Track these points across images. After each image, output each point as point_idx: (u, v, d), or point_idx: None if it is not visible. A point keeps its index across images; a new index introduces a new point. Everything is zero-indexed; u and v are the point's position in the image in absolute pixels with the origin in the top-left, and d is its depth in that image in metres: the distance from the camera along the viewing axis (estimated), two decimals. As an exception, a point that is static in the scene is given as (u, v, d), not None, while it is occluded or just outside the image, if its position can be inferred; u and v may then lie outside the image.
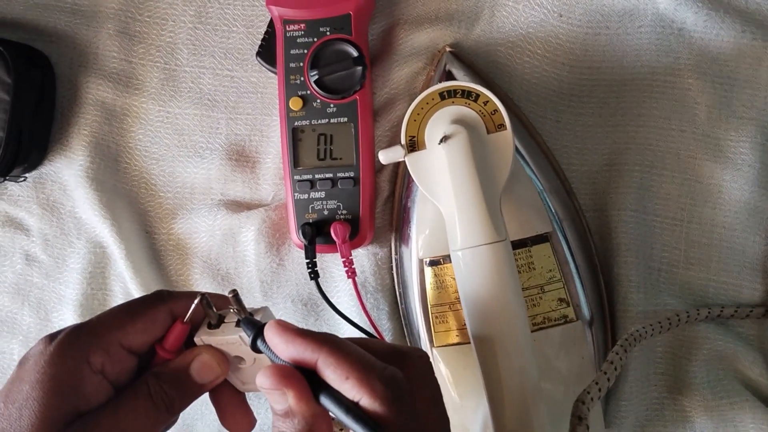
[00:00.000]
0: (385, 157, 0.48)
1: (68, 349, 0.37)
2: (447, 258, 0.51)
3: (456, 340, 0.51)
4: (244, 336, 0.38)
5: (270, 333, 0.36)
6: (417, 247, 0.53)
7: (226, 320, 0.40)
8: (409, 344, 0.56)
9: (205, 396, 0.59)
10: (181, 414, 0.50)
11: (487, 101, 0.47)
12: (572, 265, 0.52)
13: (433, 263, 0.52)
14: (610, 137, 0.56)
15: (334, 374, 0.34)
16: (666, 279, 0.55)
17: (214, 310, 0.40)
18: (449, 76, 0.54)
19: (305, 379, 0.35)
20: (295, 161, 0.55)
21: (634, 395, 0.53)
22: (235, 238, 0.58)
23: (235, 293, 0.39)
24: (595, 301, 0.53)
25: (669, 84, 0.55)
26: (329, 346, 0.35)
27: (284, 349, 0.35)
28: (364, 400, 0.33)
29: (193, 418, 0.60)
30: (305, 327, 0.58)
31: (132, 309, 0.40)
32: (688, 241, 0.55)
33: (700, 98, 0.55)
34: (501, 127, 0.47)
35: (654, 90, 0.55)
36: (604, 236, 0.55)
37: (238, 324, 0.39)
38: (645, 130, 0.55)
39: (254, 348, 0.37)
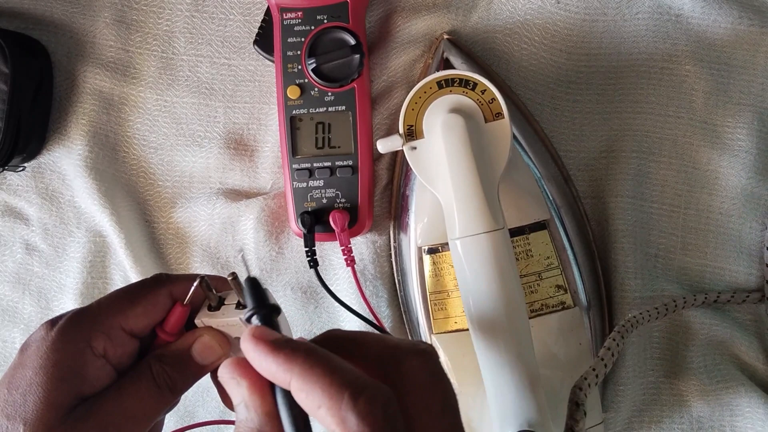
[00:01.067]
0: (383, 146, 0.48)
1: (70, 333, 0.37)
2: (445, 246, 0.51)
3: (454, 327, 0.52)
4: (244, 318, 0.39)
5: (245, 346, 0.32)
6: (415, 235, 0.53)
7: (226, 302, 0.40)
8: (408, 331, 0.56)
9: (207, 383, 0.59)
10: (182, 400, 0.50)
11: (485, 90, 0.47)
12: (570, 252, 0.52)
13: (432, 251, 0.52)
14: (607, 124, 0.56)
15: (306, 401, 0.30)
16: (663, 265, 0.56)
17: (214, 292, 0.40)
18: (447, 64, 0.54)
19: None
20: (294, 150, 0.55)
21: (631, 380, 0.54)
22: (234, 226, 0.58)
23: (234, 275, 0.39)
24: (593, 288, 0.54)
25: (666, 70, 0.55)
26: (300, 367, 0.31)
27: (258, 365, 0.32)
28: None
29: (194, 405, 0.60)
30: (305, 315, 0.59)
31: (132, 293, 0.40)
32: (685, 228, 0.56)
33: (697, 84, 0.55)
34: (499, 115, 0.47)
35: (651, 76, 0.55)
36: (602, 223, 0.56)
37: (238, 306, 0.39)
38: (642, 117, 0.56)
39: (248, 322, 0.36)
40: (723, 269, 0.55)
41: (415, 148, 0.48)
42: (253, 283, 0.35)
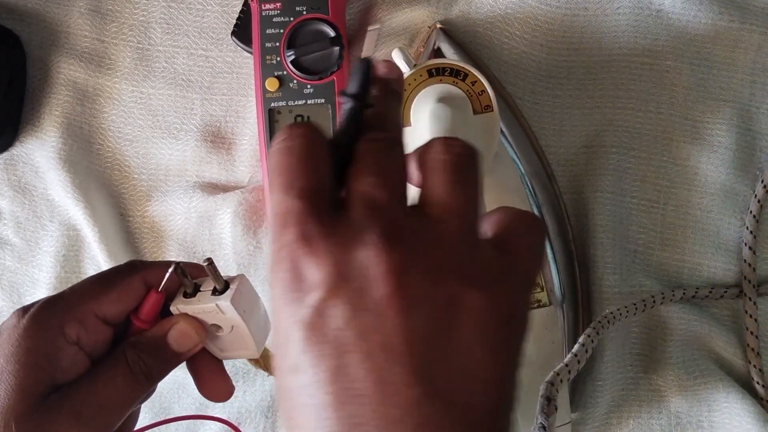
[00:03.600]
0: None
1: (42, 320, 0.37)
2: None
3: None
4: (221, 304, 0.38)
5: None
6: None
7: (202, 289, 0.40)
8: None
9: (182, 379, 0.59)
10: (157, 396, 0.49)
11: (475, 81, 0.47)
12: (549, 250, 0.52)
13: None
14: (587, 119, 0.56)
15: None
16: (642, 260, 0.56)
17: (190, 278, 0.40)
18: (438, 54, 0.53)
19: None
20: (272, 143, 0.54)
21: (610, 375, 0.54)
22: (211, 220, 0.58)
23: (210, 261, 0.38)
24: (569, 287, 0.53)
25: (647, 66, 0.55)
26: None
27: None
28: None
29: (170, 401, 0.59)
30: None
31: (105, 279, 0.39)
32: (664, 223, 0.56)
33: (677, 80, 0.55)
34: (488, 108, 0.47)
35: (632, 72, 0.55)
36: (581, 218, 0.56)
37: (214, 292, 0.39)
38: (622, 112, 0.55)
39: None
40: (701, 265, 0.55)
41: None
42: (365, 66, 0.32)
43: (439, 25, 0.55)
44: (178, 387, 0.59)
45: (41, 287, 0.59)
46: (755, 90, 0.55)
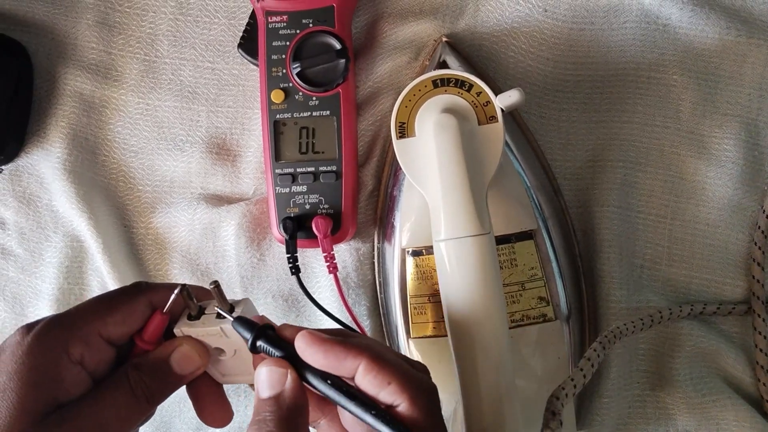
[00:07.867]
0: (504, 101, 0.46)
1: (46, 339, 0.36)
2: (430, 249, 0.50)
3: (433, 332, 0.51)
4: (225, 328, 0.38)
5: (303, 343, 0.36)
6: (400, 236, 0.52)
7: (206, 311, 0.40)
8: (386, 337, 0.56)
9: (184, 393, 0.58)
10: (158, 411, 0.49)
11: (480, 92, 0.47)
12: (555, 265, 0.51)
13: (416, 254, 0.51)
14: (594, 133, 0.56)
15: (375, 379, 0.34)
16: (649, 276, 0.55)
17: (195, 301, 0.39)
18: (443, 66, 0.53)
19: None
20: (277, 155, 0.54)
21: (616, 392, 0.53)
22: (215, 232, 0.57)
23: (216, 284, 0.38)
24: (575, 302, 0.53)
25: (653, 80, 0.55)
26: (371, 352, 0.35)
27: (321, 358, 0.35)
28: (403, 405, 0.34)
29: (171, 416, 0.59)
30: (286, 322, 0.57)
31: (110, 299, 0.39)
32: (672, 238, 0.55)
33: (684, 94, 0.55)
34: (492, 119, 0.46)
35: (638, 86, 0.55)
36: (588, 233, 0.55)
37: (218, 316, 0.39)
38: (629, 126, 0.55)
39: (253, 350, 0.37)
40: (709, 280, 0.55)
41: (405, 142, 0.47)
42: (240, 320, 0.38)
43: (445, 39, 0.55)
44: (179, 401, 0.58)
45: (44, 298, 0.59)
46: (763, 104, 0.54)
